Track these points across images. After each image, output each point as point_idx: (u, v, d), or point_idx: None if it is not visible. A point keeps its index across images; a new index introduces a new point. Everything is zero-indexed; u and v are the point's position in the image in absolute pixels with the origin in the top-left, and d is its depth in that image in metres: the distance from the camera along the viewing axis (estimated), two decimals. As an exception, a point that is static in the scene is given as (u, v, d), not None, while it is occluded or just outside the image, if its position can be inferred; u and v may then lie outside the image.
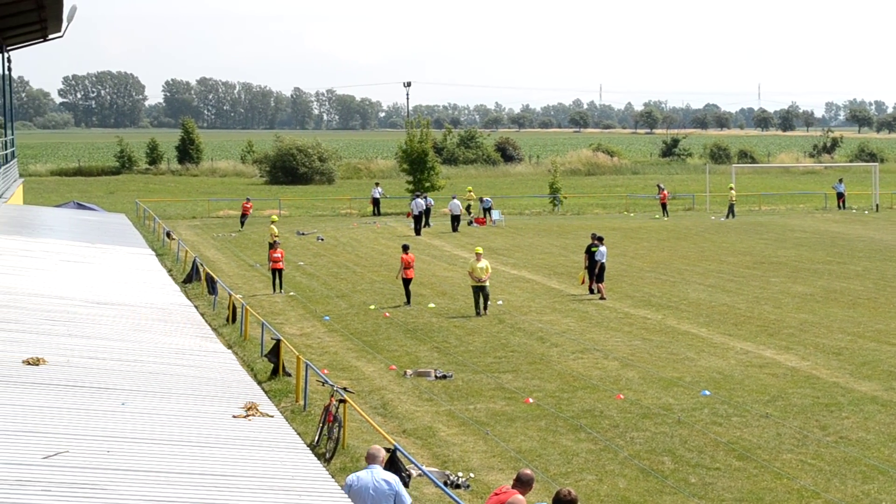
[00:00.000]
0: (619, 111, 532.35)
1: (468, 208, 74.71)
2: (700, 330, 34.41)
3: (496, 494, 14.18)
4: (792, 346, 31.68)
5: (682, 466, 20.81)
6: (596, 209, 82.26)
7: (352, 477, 15.24)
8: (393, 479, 15.30)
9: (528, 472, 14.34)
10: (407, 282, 39.93)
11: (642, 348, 31.67)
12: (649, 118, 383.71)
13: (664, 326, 35.07)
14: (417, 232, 64.83)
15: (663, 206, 76.05)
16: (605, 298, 40.19)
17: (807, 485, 19.68)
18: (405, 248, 40.88)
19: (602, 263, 40.89)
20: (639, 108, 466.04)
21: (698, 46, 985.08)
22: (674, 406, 25.21)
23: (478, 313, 37.21)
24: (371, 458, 15.52)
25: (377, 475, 15.16)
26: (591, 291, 41.18)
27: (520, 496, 13.83)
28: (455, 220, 67.98)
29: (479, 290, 37.45)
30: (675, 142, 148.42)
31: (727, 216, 73.29)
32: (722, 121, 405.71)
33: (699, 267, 49.11)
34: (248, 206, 69.06)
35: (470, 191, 78.97)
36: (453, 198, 71.10)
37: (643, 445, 22.20)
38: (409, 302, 39.61)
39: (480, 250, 38.88)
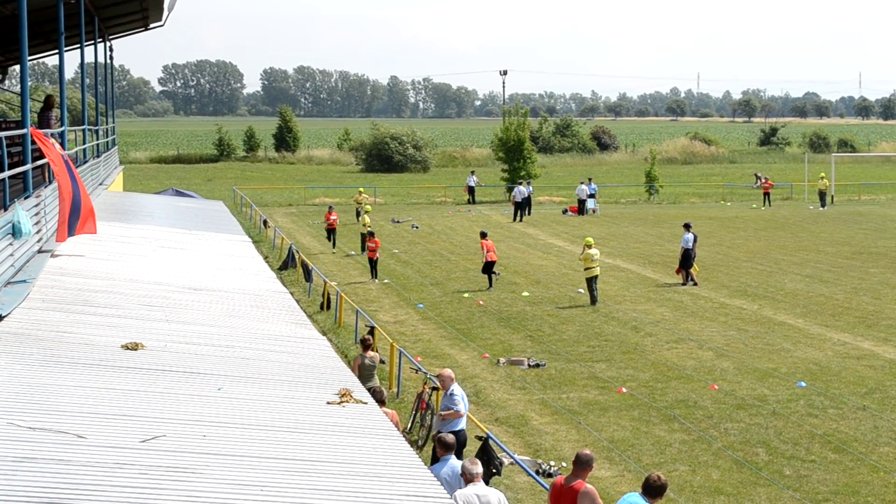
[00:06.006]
0: (717, 100, 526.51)
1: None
2: (796, 320, 34.05)
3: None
4: (891, 338, 31.24)
5: (777, 458, 20.64)
6: (692, 198, 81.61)
7: (460, 493, 13.77)
8: (497, 496, 14.02)
9: (587, 452, 14.10)
10: (489, 265, 40.13)
11: (737, 338, 31.42)
12: (747, 107, 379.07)
13: (760, 317, 34.74)
14: (517, 219, 64.89)
15: (766, 195, 75.15)
16: (696, 284, 40.08)
17: (904, 479, 19.43)
18: (483, 235, 41.34)
19: (686, 250, 40.66)
20: (737, 96, 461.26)
21: (798, 34, 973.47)
22: (769, 397, 25.00)
23: (593, 302, 37.09)
24: (472, 476, 14.14)
25: (480, 490, 13.98)
26: (692, 283, 40.77)
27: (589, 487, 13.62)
28: (581, 204, 69.50)
29: (593, 280, 37.32)
30: (774, 130, 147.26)
31: (822, 205, 72.17)
32: (821, 109, 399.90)
33: (796, 257, 48.54)
34: (333, 217, 53.30)
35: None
36: (581, 183, 72.13)
37: (737, 437, 22.05)
38: (492, 285, 40.09)
39: (591, 240, 38.65)
